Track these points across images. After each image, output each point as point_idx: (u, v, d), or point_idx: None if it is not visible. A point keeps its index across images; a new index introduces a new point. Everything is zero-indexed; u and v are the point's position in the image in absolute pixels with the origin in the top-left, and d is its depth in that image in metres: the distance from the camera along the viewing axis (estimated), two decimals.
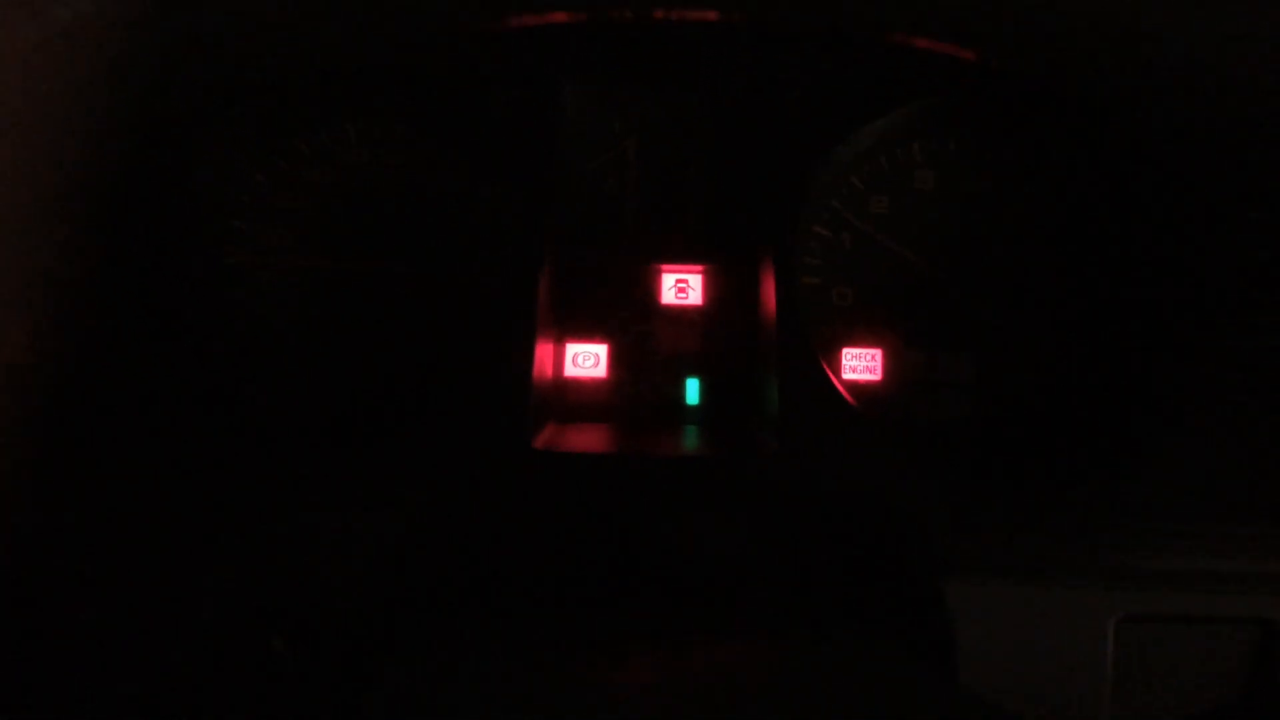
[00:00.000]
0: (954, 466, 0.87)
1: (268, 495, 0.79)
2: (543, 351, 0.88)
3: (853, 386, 0.93)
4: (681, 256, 0.95)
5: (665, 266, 0.96)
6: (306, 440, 0.87)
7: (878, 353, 0.94)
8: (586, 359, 0.95)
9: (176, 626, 0.73)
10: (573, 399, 0.96)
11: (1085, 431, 0.89)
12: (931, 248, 0.94)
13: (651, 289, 0.96)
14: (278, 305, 0.95)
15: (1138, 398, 0.86)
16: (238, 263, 0.96)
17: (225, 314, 0.94)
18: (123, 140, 0.75)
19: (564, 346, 0.96)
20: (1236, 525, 0.78)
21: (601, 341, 0.96)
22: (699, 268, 0.96)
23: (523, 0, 0.79)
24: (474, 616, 0.75)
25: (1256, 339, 0.79)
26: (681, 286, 0.96)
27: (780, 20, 0.85)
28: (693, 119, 0.96)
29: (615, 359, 0.96)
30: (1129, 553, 0.78)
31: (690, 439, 0.89)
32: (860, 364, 0.94)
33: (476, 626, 0.71)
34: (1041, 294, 0.94)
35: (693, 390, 0.95)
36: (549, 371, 0.92)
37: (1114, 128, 0.87)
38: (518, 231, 0.91)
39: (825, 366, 0.86)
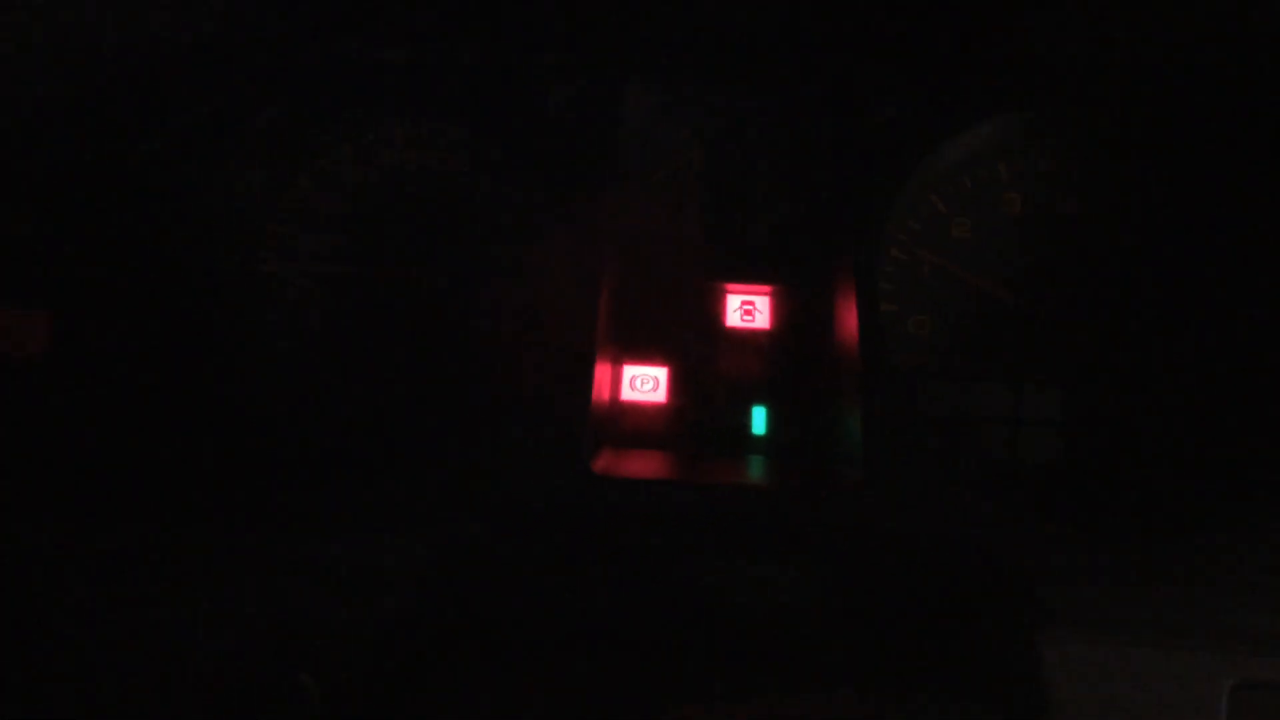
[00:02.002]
0: (1046, 511, 0.83)
1: (296, 518, 0.76)
2: (600, 373, 0.85)
3: (931, 421, 0.90)
4: (748, 276, 0.91)
5: (730, 286, 0.92)
6: (341, 460, 0.85)
7: (956, 386, 0.90)
8: (645, 382, 0.92)
9: (197, 657, 0.69)
10: (630, 424, 0.92)
11: (1190, 477, 0.86)
12: (1017, 277, 0.90)
13: (715, 310, 0.92)
14: (316, 317, 0.92)
15: (1249, 444, 0.82)
16: (273, 271, 0.93)
17: (258, 325, 0.91)
18: (157, 138, 0.76)
19: (621, 368, 0.92)
20: None
21: (661, 364, 0.92)
22: (766, 288, 0.92)
23: None
24: (513, 654, 0.72)
25: None
26: (748, 308, 0.92)
27: (862, 25, 0.81)
28: (765, 126, 0.93)
29: (675, 383, 0.92)
30: (1246, 611, 0.72)
31: (756, 469, 0.86)
32: (937, 398, 0.90)
33: (515, 665, 0.69)
34: (1139, 328, 0.90)
35: (759, 419, 0.91)
36: (605, 394, 0.89)
37: (1235, 142, 0.83)
38: (574, 244, 0.88)
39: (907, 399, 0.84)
